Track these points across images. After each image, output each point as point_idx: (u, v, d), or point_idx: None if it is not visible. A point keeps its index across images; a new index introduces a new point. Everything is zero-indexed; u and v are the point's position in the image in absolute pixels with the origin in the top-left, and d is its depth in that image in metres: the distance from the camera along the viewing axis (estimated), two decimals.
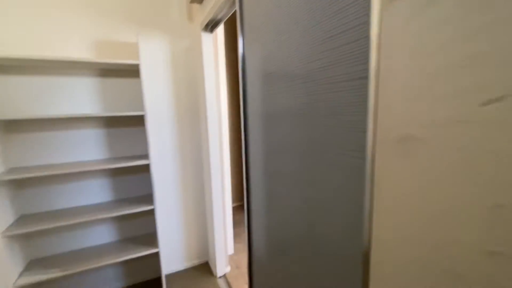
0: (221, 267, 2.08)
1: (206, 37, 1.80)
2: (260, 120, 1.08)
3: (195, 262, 2.24)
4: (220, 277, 2.07)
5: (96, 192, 1.80)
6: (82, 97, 1.69)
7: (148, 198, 1.88)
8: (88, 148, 1.74)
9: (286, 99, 0.87)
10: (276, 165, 0.97)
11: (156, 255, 2.03)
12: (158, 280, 2.03)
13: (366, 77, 0.55)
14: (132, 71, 1.81)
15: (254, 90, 1.12)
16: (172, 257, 2.14)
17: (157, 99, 1.92)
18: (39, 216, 1.58)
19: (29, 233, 1.64)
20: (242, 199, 3.62)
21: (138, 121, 1.87)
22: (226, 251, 2.12)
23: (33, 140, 1.59)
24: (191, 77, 2.03)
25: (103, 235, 1.85)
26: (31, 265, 1.59)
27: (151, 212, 1.98)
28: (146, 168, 1.94)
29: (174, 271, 2.15)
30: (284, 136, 0.89)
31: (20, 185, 1.59)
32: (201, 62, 1.85)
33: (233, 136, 3.38)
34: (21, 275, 1.49)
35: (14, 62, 1.42)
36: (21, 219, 1.54)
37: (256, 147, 1.15)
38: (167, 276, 2.09)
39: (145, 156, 1.84)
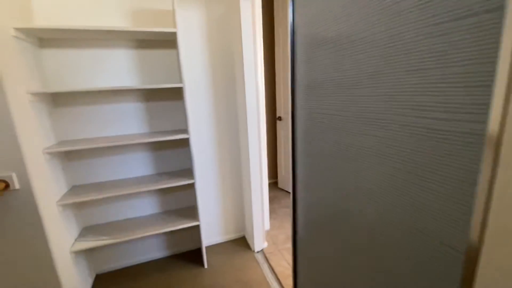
0: (259, 242, 2.07)
1: (244, 0, 1.64)
2: (313, 91, 0.95)
3: (232, 236, 2.27)
4: (257, 252, 2.07)
5: (138, 165, 1.83)
6: (121, 70, 1.67)
7: (188, 172, 1.88)
8: (129, 122, 1.75)
9: (353, 60, 0.72)
10: (336, 137, 0.85)
11: (196, 227, 2.07)
12: (198, 252, 2.09)
13: (497, 9, 0.40)
14: (168, 42, 1.74)
15: (305, 59, 0.98)
16: (210, 230, 2.18)
17: (193, 70, 1.85)
18: (88, 187, 1.66)
19: (82, 203, 1.73)
20: (275, 176, 3.57)
21: (176, 94, 1.83)
22: (264, 226, 2.09)
23: (78, 114, 1.62)
24: (227, 46, 1.91)
25: (146, 207, 1.91)
26: (84, 232, 1.70)
27: (191, 186, 1.99)
28: (185, 142, 1.93)
29: (212, 244, 2.20)
30: (351, 103, 0.76)
31: (70, 157, 1.66)
32: (239, 28, 1.71)
33: (266, 109, 3.27)
34: (76, 240, 1.60)
35: (52, 33, 1.41)
36: (73, 190, 1.62)
37: (307, 119, 1.03)
38: (206, 248, 2.15)
39: (184, 130, 1.82)
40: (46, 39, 1.50)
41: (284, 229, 2.37)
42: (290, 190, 1.25)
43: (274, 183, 3.54)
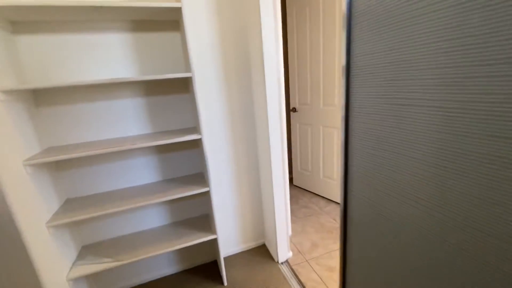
0: (283, 252, 1.82)
1: None
2: (388, 75, 0.67)
3: (251, 244, 2.02)
4: (282, 263, 1.83)
5: (142, 171, 1.57)
6: (115, 59, 1.38)
7: (199, 177, 1.61)
8: (128, 122, 1.47)
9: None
10: (434, 139, 0.58)
11: (213, 240, 1.82)
12: (214, 264, 1.85)
13: None
14: (171, 23, 1.44)
15: (376, 32, 0.69)
16: (227, 239, 1.93)
17: (201, 57, 1.55)
18: (85, 200, 1.40)
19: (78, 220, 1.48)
20: (289, 172, 3.30)
21: (182, 86, 1.54)
22: (288, 233, 1.84)
23: (66, 114, 1.35)
24: (242, 26, 1.61)
25: (153, 218, 1.66)
26: (84, 252, 1.45)
27: (204, 193, 1.73)
28: (195, 143, 1.65)
29: (229, 254, 1.96)
30: (468, 89, 0.48)
31: (60, 166, 1.39)
32: (256, 3, 1.41)
33: None
34: (74, 264, 1.35)
35: (27, 13, 1.11)
36: (67, 205, 1.36)
37: (373, 112, 0.75)
38: (223, 260, 1.91)
39: (194, 129, 1.54)
40: (21, 22, 1.20)
41: (308, 234, 2.12)
42: (340, 199, 0.98)
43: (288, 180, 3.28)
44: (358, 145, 0.84)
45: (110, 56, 1.36)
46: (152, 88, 1.49)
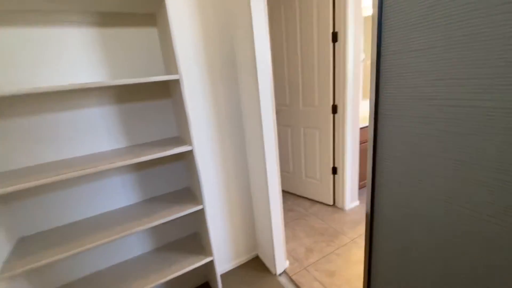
0: (281, 262, 1.72)
1: None
2: (433, 68, 0.61)
3: (243, 258, 1.88)
4: (280, 274, 1.73)
5: (117, 193, 1.32)
6: (77, 59, 1.12)
7: (185, 193, 1.42)
8: (97, 135, 1.22)
9: None
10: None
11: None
12: (205, 287, 1.67)
13: None
14: (144, 16, 1.23)
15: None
16: (218, 256, 1.76)
17: (182, 56, 1.37)
18: (46, 237, 1.11)
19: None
20: None
21: (161, 91, 1.34)
22: (284, 242, 1.74)
23: (14, 130, 1.05)
24: (225, 19, 1.46)
25: (134, 246, 1.41)
26: None
27: (196, 212, 1.53)
28: (179, 156, 1.45)
29: (222, 273, 1.79)
30: None
31: (8, 198, 1.09)
32: None
33: None
34: None
35: None
36: (21, 246, 1.06)
37: (412, 116, 0.68)
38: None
39: (178, 138, 1.35)
40: None
41: (300, 239, 2.06)
42: (367, 207, 0.91)
43: None
44: (388, 148, 0.77)
45: (72, 55, 1.10)
46: (125, 94, 1.25)
